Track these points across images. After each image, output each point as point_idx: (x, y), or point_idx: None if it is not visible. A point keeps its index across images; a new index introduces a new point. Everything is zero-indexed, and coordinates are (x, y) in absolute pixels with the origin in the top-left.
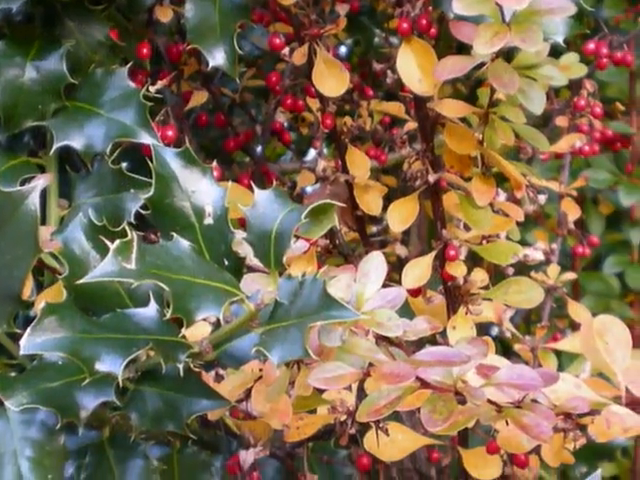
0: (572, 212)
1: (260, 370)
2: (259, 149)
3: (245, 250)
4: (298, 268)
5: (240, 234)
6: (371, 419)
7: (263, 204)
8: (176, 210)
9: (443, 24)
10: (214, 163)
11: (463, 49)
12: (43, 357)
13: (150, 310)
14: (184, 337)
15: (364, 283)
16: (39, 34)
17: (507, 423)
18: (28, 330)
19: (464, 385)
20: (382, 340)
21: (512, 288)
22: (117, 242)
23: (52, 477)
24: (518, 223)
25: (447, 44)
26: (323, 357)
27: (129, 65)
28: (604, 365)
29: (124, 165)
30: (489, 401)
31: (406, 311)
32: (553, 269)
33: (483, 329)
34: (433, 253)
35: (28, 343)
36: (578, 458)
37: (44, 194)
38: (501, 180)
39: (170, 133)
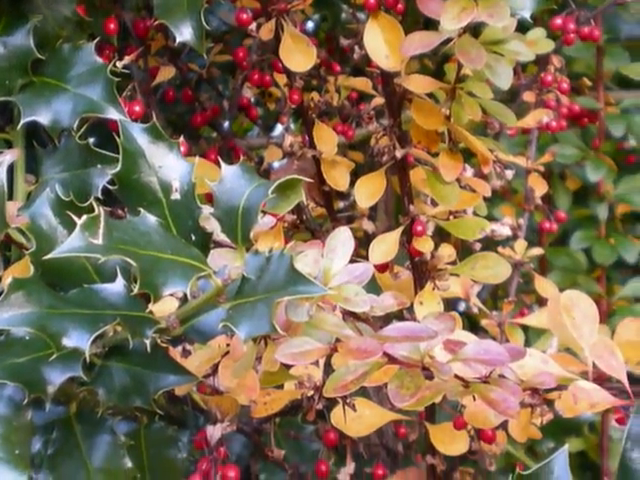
0: (539, 187)
1: (227, 345)
2: (226, 124)
3: (212, 225)
4: (265, 243)
5: (207, 209)
6: (338, 394)
7: (230, 179)
8: (143, 185)
9: None
10: (181, 138)
11: (430, 25)
12: (10, 332)
13: (117, 285)
14: (151, 312)
15: (331, 258)
16: (6, 10)
17: (474, 398)
18: None
19: (431, 360)
20: (349, 315)
21: (479, 263)
22: (84, 217)
23: (19, 452)
24: (485, 198)
25: (414, 20)
26: (290, 332)
27: (96, 40)
28: (571, 340)
29: (91, 140)
30: (456, 376)
31: (373, 287)
32: (520, 244)
33: (450, 304)
34: (400, 229)
35: None
36: (545, 433)
37: (11, 169)
38: (468, 155)
39: (137, 108)
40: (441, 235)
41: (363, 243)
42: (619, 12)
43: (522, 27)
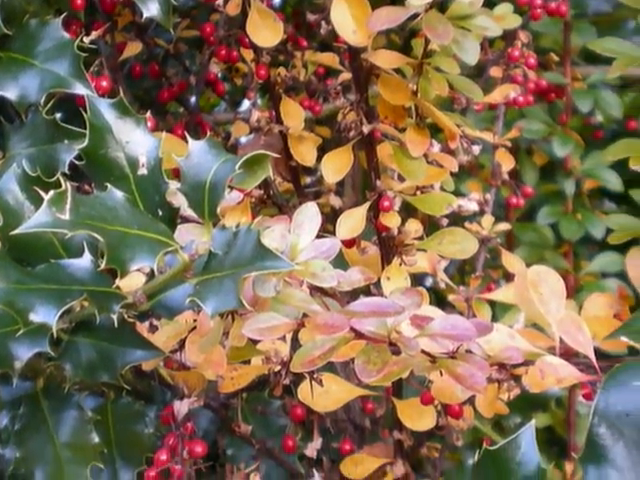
0: (506, 163)
1: (194, 321)
2: (193, 100)
3: (179, 200)
4: (232, 219)
5: (174, 184)
6: (305, 370)
7: (197, 154)
8: (110, 161)
9: None
10: (148, 114)
11: (397, 0)
12: None
13: (84, 261)
14: (118, 288)
15: (298, 234)
16: None
17: (441, 374)
18: None
19: (398, 336)
20: (316, 291)
21: (446, 239)
22: (51, 193)
23: None
24: (452, 174)
25: None
26: (257, 308)
27: (63, 16)
28: (538, 315)
29: (58, 116)
30: (423, 352)
31: (340, 262)
32: (487, 220)
33: (417, 280)
34: (367, 204)
35: None
36: (512, 409)
37: None
38: (435, 131)
39: (104, 84)
40: (408, 210)
41: (330, 218)
42: None
43: (489, 2)
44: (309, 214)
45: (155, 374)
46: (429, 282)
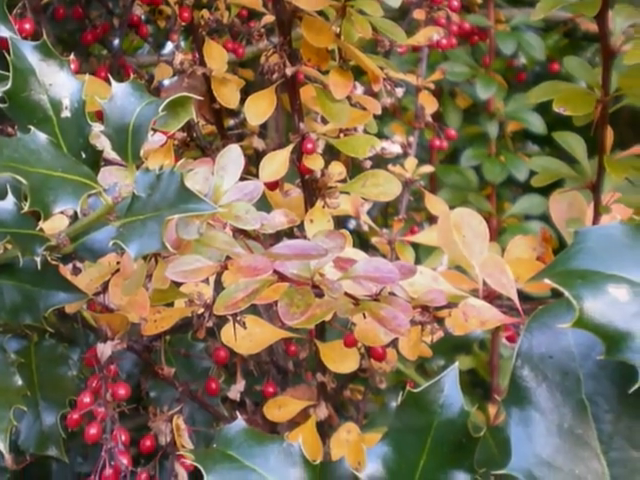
0: (429, 105)
1: (118, 263)
2: (116, 42)
3: (102, 143)
4: (155, 161)
5: (97, 127)
6: (228, 312)
7: (120, 97)
8: (33, 103)
9: None
10: (71, 56)
11: None
12: None
13: (7, 203)
14: (41, 230)
15: (221, 176)
16: None
17: (364, 316)
18: None
19: (321, 278)
20: (240, 233)
21: (369, 181)
22: None
23: None
24: (375, 116)
25: None
26: (180, 250)
27: None
28: (461, 258)
29: None
30: (346, 294)
31: (263, 204)
32: (410, 162)
33: (340, 222)
34: (290, 146)
35: None
36: (435, 351)
37: None
38: (358, 73)
39: (27, 26)
40: (331, 153)
41: (253, 161)
42: None
43: None
44: (232, 156)
45: (78, 317)
46: (352, 225)
